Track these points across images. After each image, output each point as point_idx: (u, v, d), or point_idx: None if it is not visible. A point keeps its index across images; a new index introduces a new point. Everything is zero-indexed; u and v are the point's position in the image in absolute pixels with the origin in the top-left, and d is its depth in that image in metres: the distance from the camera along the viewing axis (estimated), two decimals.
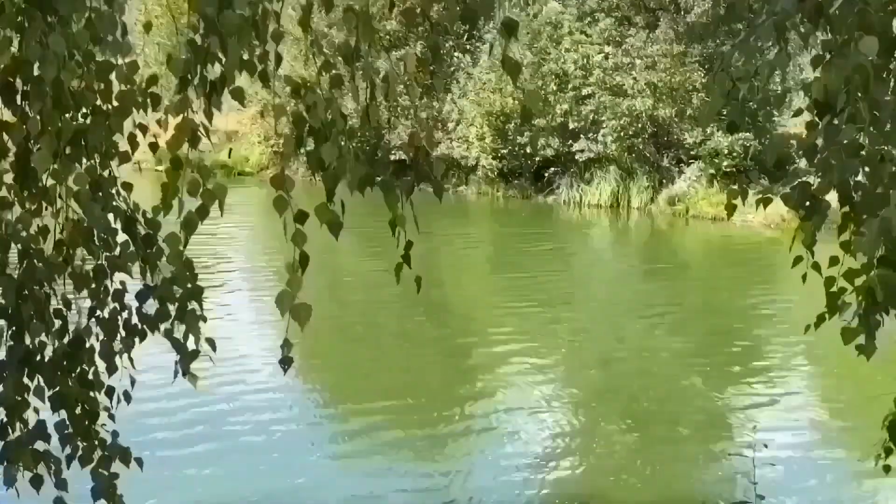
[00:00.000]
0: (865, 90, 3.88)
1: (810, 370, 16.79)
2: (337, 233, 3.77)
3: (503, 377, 15.72)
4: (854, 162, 3.96)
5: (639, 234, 34.10)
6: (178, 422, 12.76)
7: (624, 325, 19.96)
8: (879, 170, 4.00)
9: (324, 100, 3.64)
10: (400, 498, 10.88)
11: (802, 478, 11.65)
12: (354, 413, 13.93)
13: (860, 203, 4.22)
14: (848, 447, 12.59)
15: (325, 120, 3.62)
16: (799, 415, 14.28)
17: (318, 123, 3.61)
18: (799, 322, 4.97)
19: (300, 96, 3.63)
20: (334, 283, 22.94)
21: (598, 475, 11.81)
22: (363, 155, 3.86)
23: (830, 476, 12.01)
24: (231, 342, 15.65)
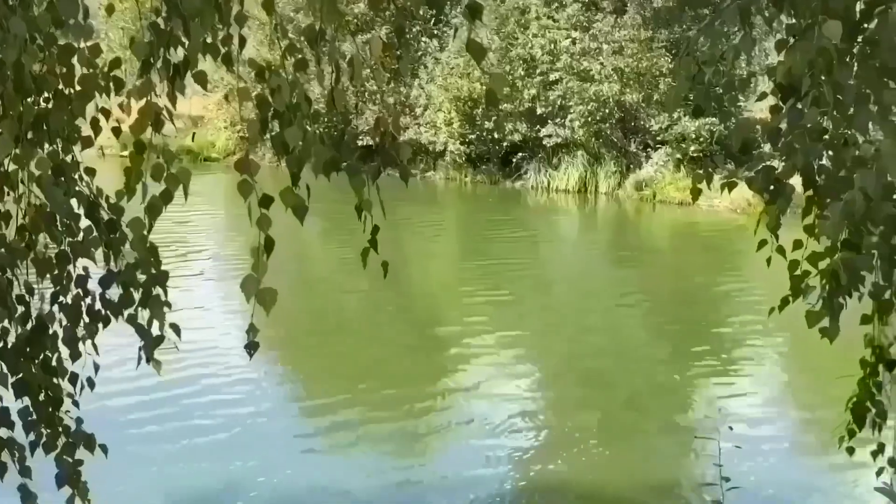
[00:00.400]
0: (829, 74, 3.89)
1: (775, 353, 16.92)
2: (302, 217, 3.74)
3: (473, 365, 15.72)
4: (817, 145, 3.98)
5: (606, 219, 34.21)
6: (147, 411, 12.69)
7: (593, 310, 20.03)
8: (843, 153, 4.02)
9: (288, 83, 3.61)
10: (368, 482, 10.87)
11: (767, 459, 11.75)
12: (323, 403, 13.88)
13: (824, 186, 4.25)
14: (812, 429, 12.72)
15: (290, 103, 3.59)
16: (764, 397, 14.41)
17: (283, 107, 3.59)
18: (765, 306, 5.00)
19: (264, 79, 3.61)
20: (303, 272, 22.88)
21: (569, 461, 11.85)
22: (330, 139, 3.84)
23: (795, 457, 12.13)
24: (200, 331, 15.57)
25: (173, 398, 13.09)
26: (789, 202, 4.18)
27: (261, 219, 3.61)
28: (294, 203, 3.72)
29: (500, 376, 14.89)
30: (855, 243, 4.09)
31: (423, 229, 29.13)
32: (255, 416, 12.91)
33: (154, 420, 12.44)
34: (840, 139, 4.03)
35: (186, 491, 10.57)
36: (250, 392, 13.68)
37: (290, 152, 3.61)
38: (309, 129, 3.65)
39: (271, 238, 3.62)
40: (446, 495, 10.81)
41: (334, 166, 3.83)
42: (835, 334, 4.38)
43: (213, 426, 12.38)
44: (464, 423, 13.04)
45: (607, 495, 10.94)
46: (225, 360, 14.58)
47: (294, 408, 13.89)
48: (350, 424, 12.78)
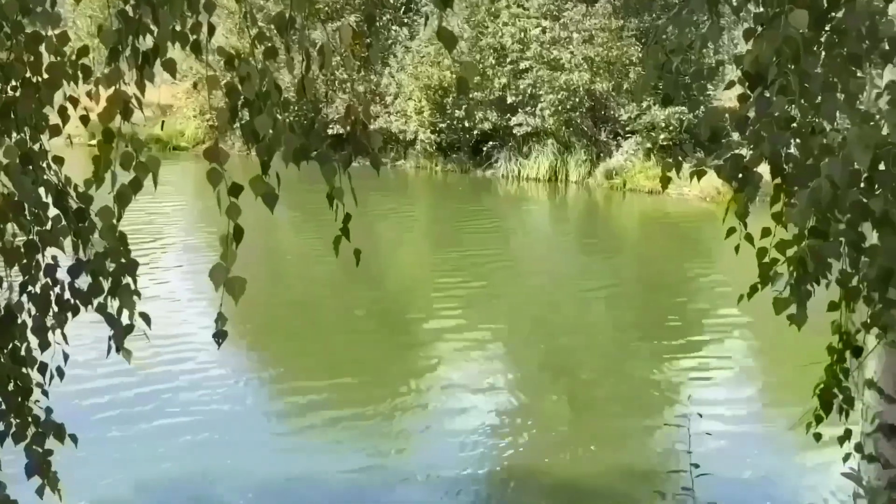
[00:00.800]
0: (796, 62, 3.92)
1: (745, 341, 17.05)
2: (272, 205, 3.74)
3: (444, 353, 15.75)
4: (785, 134, 4.01)
5: (577, 207, 34.29)
6: (119, 401, 12.65)
7: (563, 299, 20.08)
8: (810, 141, 4.05)
9: (258, 71, 3.60)
10: (344, 476, 10.87)
11: (737, 446, 11.85)
12: (297, 391, 13.85)
13: (791, 174, 4.28)
14: (781, 415, 12.82)
15: (260, 91, 3.58)
16: (734, 385, 14.53)
17: (252, 95, 3.58)
18: (734, 294, 5.03)
19: (234, 67, 3.60)
20: (275, 261, 22.79)
21: (540, 449, 11.91)
22: (300, 128, 3.83)
23: (763, 443, 12.23)
24: (170, 320, 15.51)
25: (146, 392, 13.04)
26: (757, 190, 4.22)
27: (230, 207, 3.60)
28: (264, 191, 3.71)
29: (472, 367, 14.92)
30: (822, 231, 4.13)
31: (394, 218, 29.10)
32: (229, 409, 12.87)
33: (126, 414, 12.39)
34: (807, 127, 4.06)
35: (160, 483, 10.55)
36: (223, 385, 13.63)
37: (259, 140, 3.60)
38: (279, 117, 3.64)
39: (240, 227, 3.62)
40: (417, 486, 10.84)
41: (304, 155, 3.82)
42: (802, 321, 4.42)
43: (187, 420, 12.33)
44: (434, 414, 13.07)
45: (579, 484, 10.99)
46: (196, 353, 14.52)
47: (267, 398, 13.86)
48: (324, 416, 12.78)
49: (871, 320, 5.10)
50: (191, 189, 32.41)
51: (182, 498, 10.42)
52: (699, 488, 6.46)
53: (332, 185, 3.81)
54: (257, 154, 3.64)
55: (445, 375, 14.67)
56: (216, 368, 14.05)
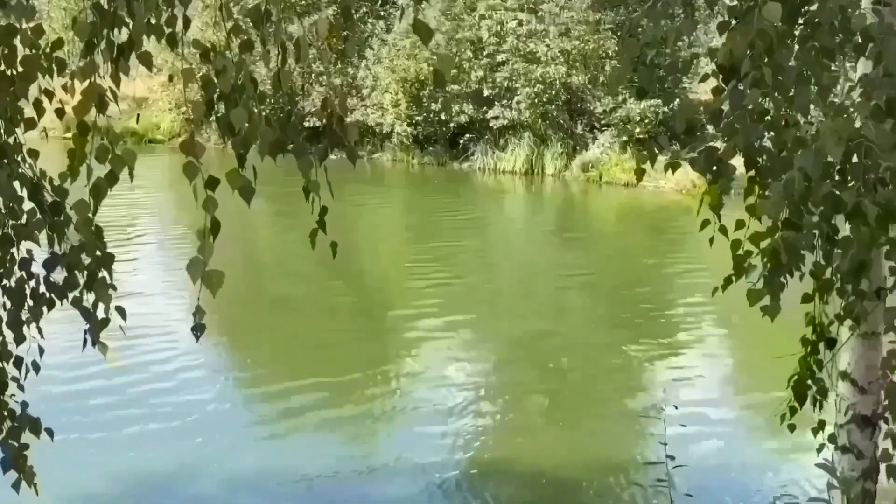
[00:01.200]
0: (769, 55, 3.95)
1: (720, 333, 17.15)
2: (249, 198, 3.73)
3: (422, 348, 15.78)
4: (758, 126, 4.04)
5: (553, 200, 34.32)
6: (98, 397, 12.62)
7: (541, 292, 20.12)
8: (783, 134, 4.08)
9: (234, 64, 3.60)
10: (321, 471, 10.86)
11: (711, 437, 11.93)
12: (275, 387, 13.81)
13: (765, 167, 4.31)
14: (757, 407, 12.90)
15: (236, 84, 3.58)
16: (710, 376, 14.60)
17: (228, 88, 3.57)
18: (710, 286, 5.06)
19: (209, 60, 3.59)
20: (253, 256, 22.71)
21: (518, 441, 11.96)
22: (277, 121, 3.83)
23: (740, 435, 12.32)
24: (148, 316, 15.49)
25: (123, 384, 13.01)
26: (730, 182, 4.25)
27: (207, 201, 3.60)
28: (240, 184, 3.71)
29: (450, 359, 14.95)
30: (795, 223, 4.16)
31: (371, 211, 29.07)
32: (206, 401, 12.85)
33: (105, 406, 12.36)
34: (781, 120, 4.09)
35: (138, 477, 10.53)
36: (202, 381, 13.59)
37: (235, 134, 3.60)
38: (255, 110, 3.64)
39: (217, 220, 3.61)
40: (397, 478, 10.85)
41: (280, 148, 3.82)
42: (775, 312, 4.46)
43: (165, 412, 12.31)
44: (413, 407, 13.08)
45: (556, 476, 11.02)
46: (175, 349, 14.48)
47: (246, 393, 13.82)
48: (302, 409, 12.77)
49: (843, 312, 5.14)
50: (168, 183, 32.26)
51: (161, 492, 10.39)
52: (675, 480, 6.51)
53: (308, 178, 3.81)
54: (233, 147, 3.64)
55: (423, 368, 14.69)
56: (196, 364, 14.02)
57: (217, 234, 3.62)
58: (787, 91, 4.04)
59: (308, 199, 3.89)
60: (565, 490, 10.77)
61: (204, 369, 13.98)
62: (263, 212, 26.13)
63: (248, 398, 13.55)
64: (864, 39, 4.10)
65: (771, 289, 4.35)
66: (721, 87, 4.26)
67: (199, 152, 3.56)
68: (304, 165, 3.84)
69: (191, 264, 3.55)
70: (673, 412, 9.68)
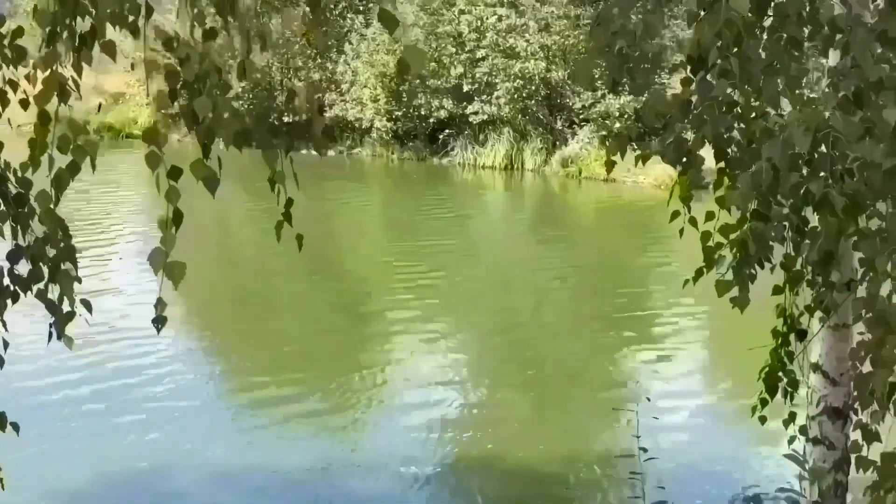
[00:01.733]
0: (737, 46, 3.94)
1: (697, 326, 17.17)
2: (213, 189, 3.69)
3: (401, 343, 15.79)
4: (726, 117, 4.03)
5: (533, 195, 34.34)
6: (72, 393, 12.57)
7: (520, 287, 20.15)
8: (752, 125, 4.07)
9: (198, 53, 3.56)
10: (298, 465, 10.84)
11: (684, 429, 11.98)
12: (255, 383, 13.81)
13: (734, 158, 4.30)
14: (731, 399, 12.95)
15: (199, 73, 3.55)
16: (686, 369, 14.69)
17: (192, 77, 3.54)
18: (679, 283, 5.05)
19: (173, 49, 3.56)
20: (230, 251, 22.63)
21: (497, 436, 12.00)
22: (253, 116, 3.80)
23: (712, 426, 12.36)
24: (124, 312, 15.47)
25: (96, 379, 12.97)
26: (700, 173, 4.24)
27: (169, 191, 3.57)
28: (205, 175, 3.67)
29: (428, 354, 14.95)
30: (764, 214, 4.15)
31: (351, 207, 29.00)
32: (182, 396, 12.80)
33: (77, 400, 12.31)
34: (749, 111, 4.08)
35: (114, 472, 10.49)
36: (179, 378, 13.54)
37: (199, 123, 3.57)
38: (219, 99, 3.61)
39: (180, 211, 3.58)
40: (374, 472, 10.84)
41: (246, 139, 3.79)
42: (744, 304, 4.46)
43: (139, 407, 12.28)
44: (392, 401, 13.11)
45: (530, 469, 11.04)
46: (148, 341, 14.41)
47: (226, 393, 13.78)
48: (279, 402, 12.76)
49: (814, 303, 5.15)
50: (145, 178, 32.06)
51: (137, 489, 10.35)
52: (647, 472, 6.52)
53: (274, 170, 3.78)
54: (197, 137, 3.61)
55: (402, 364, 14.71)
56: (173, 361, 13.99)
57: (179, 224, 3.59)
58: (756, 82, 4.03)
59: (273, 190, 3.86)
60: (544, 483, 10.79)
61: (181, 366, 13.95)
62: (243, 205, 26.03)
63: (225, 395, 13.53)
64: (831, 30, 4.10)
65: (739, 280, 4.34)
66: (690, 78, 4.24)
67: (161, 142, 3.53)
68: (269, 157, 3.81)
69: (152, 255, 3.51)
70: (647, 405, 9.76)
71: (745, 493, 5.26)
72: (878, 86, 3.98)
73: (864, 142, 3.88)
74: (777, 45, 4.06)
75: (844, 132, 3.81)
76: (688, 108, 4.23)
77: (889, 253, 3.98)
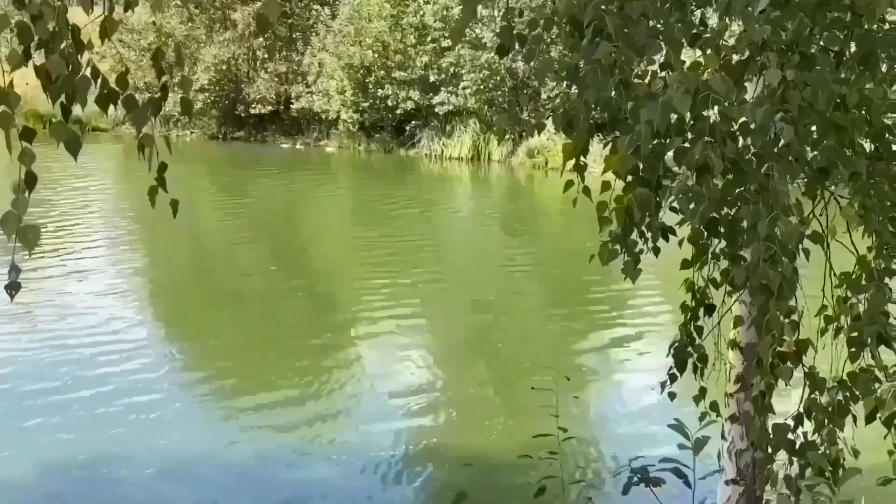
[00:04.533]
0: (620, 8, 3.86)
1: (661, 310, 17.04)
2: (76, 152, 3.58)
3: (366, 332, 15.72)
4: (608, 80, 3.94)
5: (500, 186, 34.29)
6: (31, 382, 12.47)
7: (485, 278, 20.11)
8: (634, 88, 3.99)
9: (52, 9, 3.44)
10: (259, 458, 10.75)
11: (607, 409, 12.01)
12: (215, 374, 13.67)
13: (624, 123, 4.22)
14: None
15: (53, 31, 3.43)
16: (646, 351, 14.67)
17: (46, 35, 3.42)
18: (649, 269, 4.99)
19: (24, 5, 3.43)
20: (192, 242, 22.42)
21: (457, 423, 11.99)
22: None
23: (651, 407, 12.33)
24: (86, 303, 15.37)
25: (61, 371, 12.89)
26: (583, 137, 4.16)
27: (23, 153, 3.45)
28: (66, 137, 3.56)
29: (392, 347, 14.89)
30: (647, 179, 4.07)
31: (317, 199, 28.85)
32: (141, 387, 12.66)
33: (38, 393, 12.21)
34: (632, 74, 4.00)
35: (69, 462, 10.39)
36: (143, 372, 13.39)
37: (53, 83, 3.45)
38: (75, 60, 3.49)
39: (34, 173, 3.46)
40: (336, 465, 10.78)
41: (112, 99, 3.69)
42: (633, 274, 4.38)
43: (97, 397, 12.17)
44: (357, 395, 13.02)
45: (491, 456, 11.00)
46: (114, 339, 14.36)
47: (184, 378, 13.60)
48: (241, 396, 12.68)
49: (721, 277, 5.09)
50: (112, 172, 31.94)
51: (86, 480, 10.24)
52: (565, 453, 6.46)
53: (141, 132, 3.67)
54: (50, 97, 3.49)
55: (367, 354, 14.66)
56: (137, 355, 13.84)
57: (33, 187, 3.47)
58: (639, 43, 3.95)
59: (142, 154, 3.74)
60: (492, 471, 10.72)
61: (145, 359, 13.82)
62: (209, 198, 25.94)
63: (186, 384, 13.35)
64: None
65: (626, 248, 4.27)
66: (577, 43, 4.17)
67: (13, 101, 3.40)
68: (136, 118, 3.70)
69: (4, 219, 3.39)
70: (565, 384, 9.69)
71: (632, 465, 5.17)
72: (763, 48, 3.92)
73: (745, 105, 3.82)
74: (659, 7, 3.99)
75: (724, 94, 3.74)
76: (576, 72, 4.15)
77: (772, 218, 3.92)
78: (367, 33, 37.26)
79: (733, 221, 4.34)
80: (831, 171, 4.40)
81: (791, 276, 4.12)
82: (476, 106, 35.98)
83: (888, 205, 4.71)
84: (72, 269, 18.19)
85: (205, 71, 38.93)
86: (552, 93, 34.89)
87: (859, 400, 4.83)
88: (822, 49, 4.35)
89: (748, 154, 4.03)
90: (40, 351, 13.54)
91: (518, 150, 35.64)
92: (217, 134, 40.18)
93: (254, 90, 39.31)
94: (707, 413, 5.49)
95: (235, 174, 31.78)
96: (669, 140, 3.96)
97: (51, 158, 3.61)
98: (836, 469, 4.97)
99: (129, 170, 30.55)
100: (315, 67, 39.16)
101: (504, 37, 4.26)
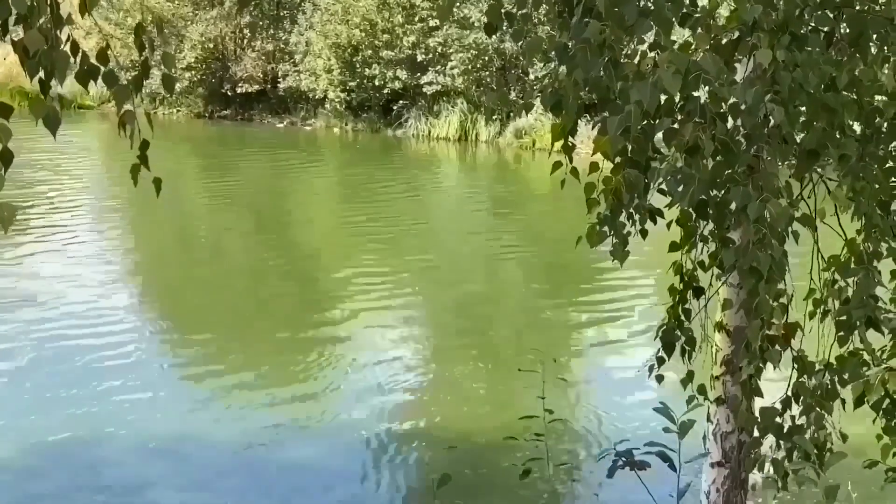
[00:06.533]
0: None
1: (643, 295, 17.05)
2: (55, 128, 3.51)
3: (352, 312, 15.72)
4: (597, 60, 3.88)
5: (487, 167, 34.22)
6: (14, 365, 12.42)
7: (473, 259, 20.11)
8: (624, 68, 3.94)
9: None
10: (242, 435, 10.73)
11: (594, 392, 12.09)
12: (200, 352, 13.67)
13: (614, 104, 4.16)
14: None
15: (31, 5, 3.36)
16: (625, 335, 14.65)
17: (24, 9, 3.35)
18: (637, 251, 4.96)
19: None
20: (181, 222, 22.34)
21: (445, 405, 12.02)
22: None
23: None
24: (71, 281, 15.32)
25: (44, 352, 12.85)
26: (571, 117, 4.11)
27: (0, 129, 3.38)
28: (45, 113, 3.49)
29: (378, 327, 14.91)
30: (636, 160, 4.02)
31: (304, 179, 28.79)
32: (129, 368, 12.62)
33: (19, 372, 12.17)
34: (622, 54, 3.94)
35: (53, 443, 10.36)
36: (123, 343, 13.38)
37: (31, 58, 3.39)
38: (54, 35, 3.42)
39: (9, 151, 3.40)
40: (321, 446, 10.79)
41: (91, 75, 3.62)
42: (621, 256, 4.34)
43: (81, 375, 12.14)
44: (343, 376, 13.02)
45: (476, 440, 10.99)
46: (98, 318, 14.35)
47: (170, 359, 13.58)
48: (226, 375, 12.65)
49: (710, 260, 5.05)
50: (98, 150, 31.77)
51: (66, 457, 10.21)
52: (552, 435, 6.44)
53: (122, 108, 3.61)
54: (28, 72, 3.42)
55: (352, 335, 14.63)
56: (121, 334, 13.82)
57: (8, 165, 3.40)
58: (627, 23, 3.89)
59: (123, 131, 3.68)
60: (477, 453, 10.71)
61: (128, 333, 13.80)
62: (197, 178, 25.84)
63: (170, 364, 13.32)
64: None
65: (614, 230, 4.22)
66: (567, 22, 4.11)
67: None
68: (118, 94, 3.63)
69: None
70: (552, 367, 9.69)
71: (617, 448, 5.15)
72: (754, 28, 3.87)
73: (736, 85, 3.77)
74: None
75: (714, 75, 3.69)
76: (565, 51, 4.10)
77: (762, 200, 3.88)
78: (354, 12, 37.05)
79: (722, 203, 4.31)
80: (821, 153, 4.36)
81: (780, 258, 4.08)
82: (464, 86, 35.84)
83: (877, 187, 4.68)
84: (52, 247, 18.10)
85: (192, 49, 38.74)
86: (540, 73, 34.84)
87: (847, 384, 4.80)
88: (813, 29, 4.31)
89: (738, 135, 3.98)
90: (22, 332, 13.47)
91: (506, 131, 35.51)
92: (204, 112, 40.01)
93: (241, 69, 39.10)
94: (695, 397, 5.47)
95: (221, 153, 31.68)
96: (659, 121, 3.90)
97: (34, 135, 3.56)
98: (823, 453, 4.95)
99: (114, 147, 30.45)
100: (302, 46, 38.94)
101: (492, 15, 4.19)
